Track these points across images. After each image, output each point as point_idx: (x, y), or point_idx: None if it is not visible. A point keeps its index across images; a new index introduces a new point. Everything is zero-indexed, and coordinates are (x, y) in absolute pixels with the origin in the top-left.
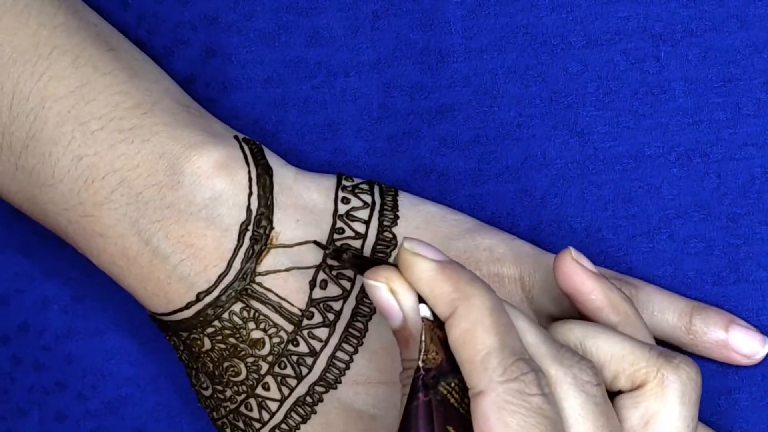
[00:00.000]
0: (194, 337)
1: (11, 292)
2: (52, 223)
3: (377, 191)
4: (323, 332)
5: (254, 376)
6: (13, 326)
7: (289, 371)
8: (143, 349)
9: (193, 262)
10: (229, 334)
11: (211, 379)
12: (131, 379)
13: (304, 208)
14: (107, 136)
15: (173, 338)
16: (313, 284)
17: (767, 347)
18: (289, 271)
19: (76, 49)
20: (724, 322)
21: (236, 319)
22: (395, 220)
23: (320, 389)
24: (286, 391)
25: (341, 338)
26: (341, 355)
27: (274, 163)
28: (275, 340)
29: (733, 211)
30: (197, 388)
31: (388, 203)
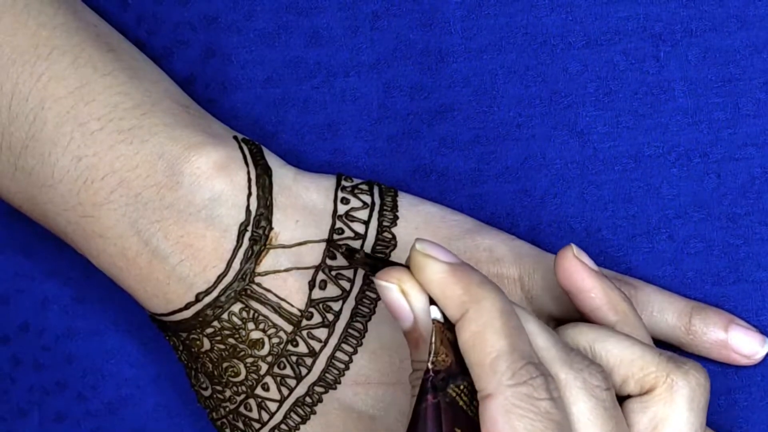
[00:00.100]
0: (193, 337)
1: (11, 292)
2: (51, 223)
3: (377, 192)
4: (322, 333)
5: (253, 376)
6: (13, 326)
7: (288, 372)
8: (143, 349)
9: (192, 262)
10: (228, 334)
11: (210, 379)
12: (131, 379)
13: (303, 208)
14: (106, 136)
15: (173, 338)
16: (312, 285)
17: (767, 347)
18: (288, 271)
19: (75, 49)
20: (723, 322)
21: (235, 319)
22: (395, 220)
23: (320, 390)
24: (285, 391)
25: (340, 339)
26: (340, 355)
27: (273, 163)
28: (274, 340)
29: (732, 211)
30: (197, 388)
31: (387, 204)
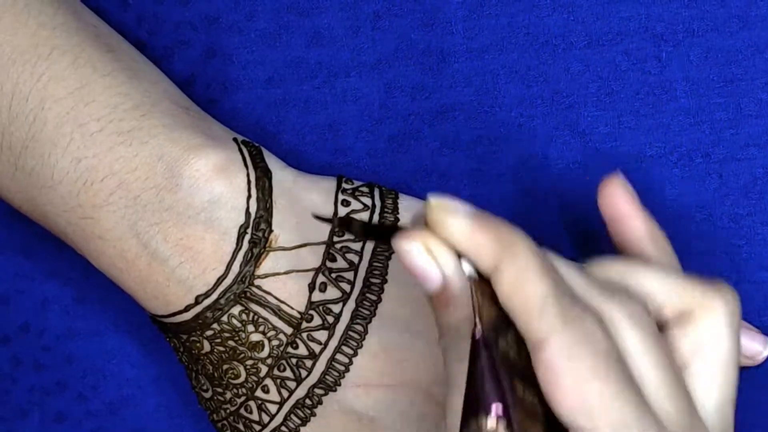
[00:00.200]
0: (193, 339)
1: (11, 292)
2: (51, 224)
3: (377, 194)
4: (322, 335)
5: (253, 378)
6: (13, 327)
7: (288, 374)
8: (144, 350)
9: (191, 265)
10: (228, 336)
11: (210, 381)
12: (132, 379)
13: (303, 210)
14: (106, 138)
15: (173, 340)
16: (312, 287)
17: None
18: (288, 274)
19: (75, 50)
20: None
21: (235, 322)
22: (395, 223)
23: (320, 392)
24: (285, 393)
25: (341, 341)
26: (340, 357)
27: (273, 165)
28: (274, 342)
29: (734, 211)
30: (197, 389)
31: (388, 206)
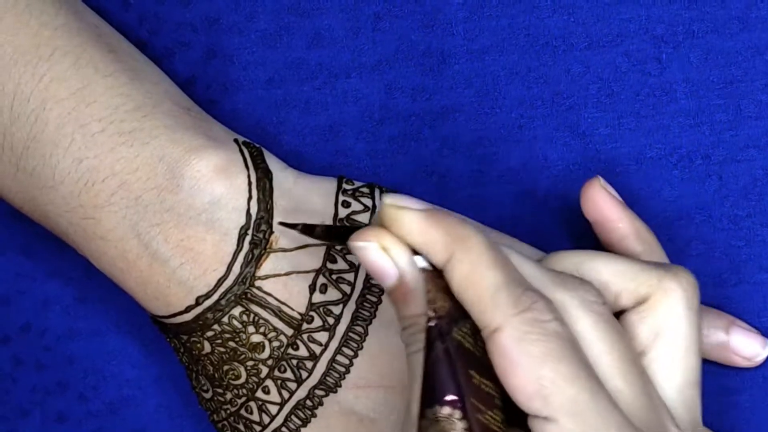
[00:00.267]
0: (194, 340)
1: (12, 292)
2: (52, 224)
3: (378, 195)
4: (323, 336)
5: (254, 379)
6: (14, 327)
7: (289, 375)
8: (145, 350)
9: (192, 266)
10: (228, 337)
11: (211, 381)
12: (133, 380)
13: (304, 212)
14: (107, 138)
15: (174, 340)
16: (312, 288)
17: None
18: (288, 275)
19: (77, 50)
20: (724, 324)
21: (236, 323)
22: None
23: (320, 393)
24: (286, 394)
25: (341, 342)
26: (341, 359)
27: (274, 166)
28: (275, 343)
29: (734, 213)
30: (198, 390)
31: None
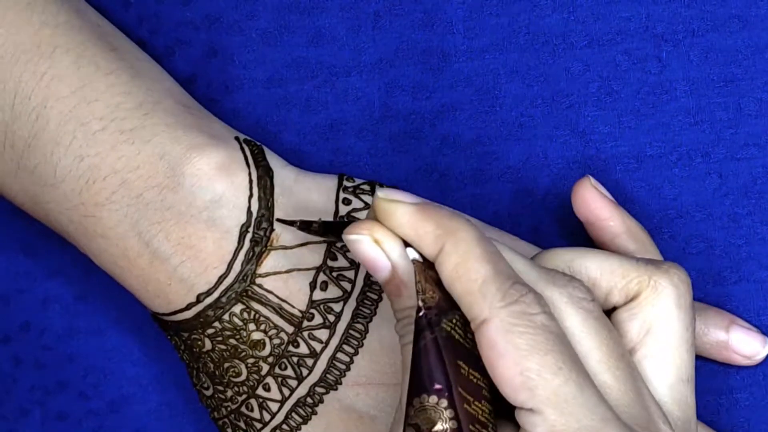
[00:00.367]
0: (195, 337)
1: (12, 291)
2: (53, 222)
3: None
4: (323, 333)
5: (255, 376)
6: (14, 326)
7: (289, 372)
8: (145, 348)
9: (193, 263)
10: (229, 335)
11: (212, 379)
12: (133, 378)
13: (305, 209)
14: (108, 136)
15: (174, 338)
16: (313, 286)
17: None
18: (289, 272)
19: (78, 48)
20: (724, 322)
21: (236, 320)
22: None
23: (321, 390)
24: (286, 391)
25: (341, 339)
26: (341, 356)
27: (274, 164)
28: (276, 341)
29: (734, 211)
30: (198, 387)
31: None
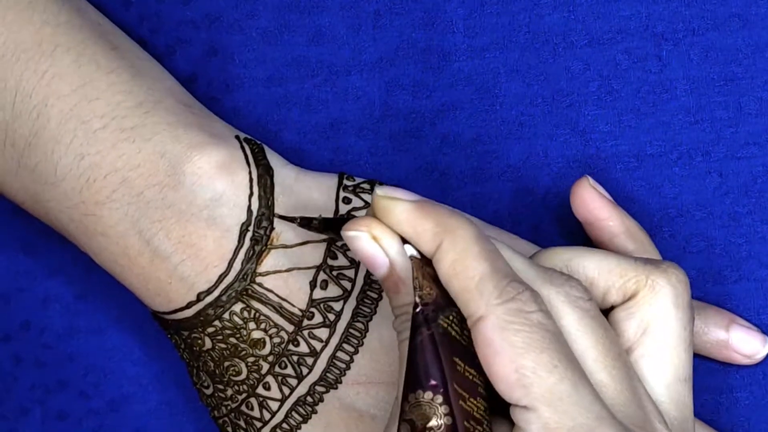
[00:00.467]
0: (195, 336)
1: (12, 290)
2: (53, 221)
3: None
4: (324, 332)
5: (255, 375)
6: (14, 325)
7: (289, 371)
8: (145, 347)
9: (193, 262)
10: (229, 333)
11: (212, 377)
12: (133, 377)
13: (305, 208)
14: (109, 135)
15: (174, 337)
16: (313, 285)
17: None
18: (289, 271)
19: (79, 47)
20: (724, 321)
21: (237, 319)
22: None
23: (321, 389)
24: (286, 390)
25: (342, 338)
26: (342, 355)
27: (275, 163)
28: (276, 340)
29: (734, 209)
30: (198, 386)
31: None
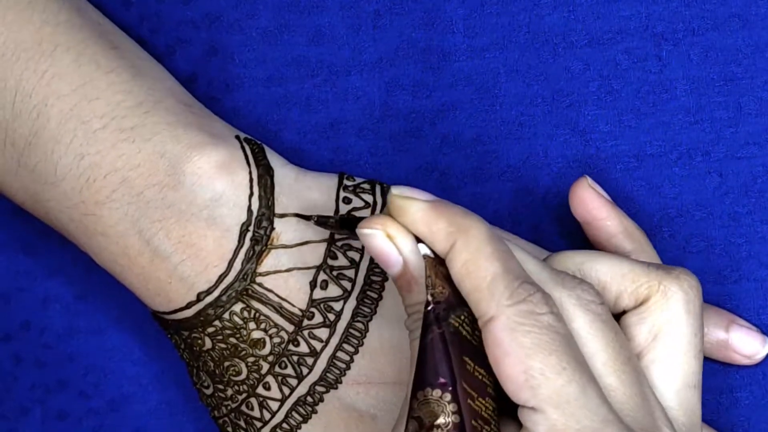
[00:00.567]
0: (195, 336)
1: (12, 290)
2: (54, 220)
3: (379, 191)
4: (324, 332)
5: (255, 375)
6: (14, 325)
7: (289, 371)
8: (145, 347)
9: (193, 262)
10: (229, 333)
11: (212, 377)
12: (133, 377)
13: (305, 208)
14: (109, 135)
15: (174, 336)
16: (313, 285)
17: None
18: (289, 271)
19: (79, 46)
20: (724, 322)
21: (237, 319)
22: None
23: (321, 389)
24: (286, 390)
25: (342, 338)
26: (342, 355)
27: (275, 162)
28: (276, 340)
29: (734, 209)
30: (198, 386)
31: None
